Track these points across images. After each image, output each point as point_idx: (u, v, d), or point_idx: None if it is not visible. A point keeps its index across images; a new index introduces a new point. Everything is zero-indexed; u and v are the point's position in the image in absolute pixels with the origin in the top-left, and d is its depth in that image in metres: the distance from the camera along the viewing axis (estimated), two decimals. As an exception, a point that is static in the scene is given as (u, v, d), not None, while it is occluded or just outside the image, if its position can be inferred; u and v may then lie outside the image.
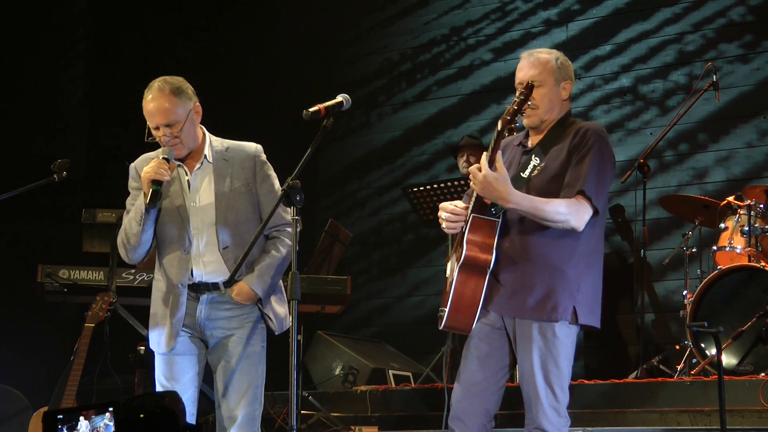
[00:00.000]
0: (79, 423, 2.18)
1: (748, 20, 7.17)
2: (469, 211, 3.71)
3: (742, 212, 6.04)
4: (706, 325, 4.54)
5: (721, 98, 6.71)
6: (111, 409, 2.15)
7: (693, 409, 5.27)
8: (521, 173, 3.74)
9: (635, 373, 6.24)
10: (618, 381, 5.91)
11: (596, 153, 3.67)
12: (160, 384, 4.06)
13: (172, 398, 2.12)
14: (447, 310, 3.70)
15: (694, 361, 5.92)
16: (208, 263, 4.01)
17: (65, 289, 5.95)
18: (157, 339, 4.05)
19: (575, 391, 5.72)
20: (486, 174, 3.59)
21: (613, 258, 7.30)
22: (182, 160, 4.06)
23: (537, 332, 3.65)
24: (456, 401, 3.77)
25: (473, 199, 3.71)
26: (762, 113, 7.02)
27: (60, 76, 8.31)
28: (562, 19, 7.71)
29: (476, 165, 3.65)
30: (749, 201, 6.04)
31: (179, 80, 4.03)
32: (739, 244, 6.01)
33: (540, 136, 3.82)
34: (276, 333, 4.08)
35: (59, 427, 2.18)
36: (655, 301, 7.09)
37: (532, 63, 3.79)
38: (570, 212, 3.61)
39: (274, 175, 4.15)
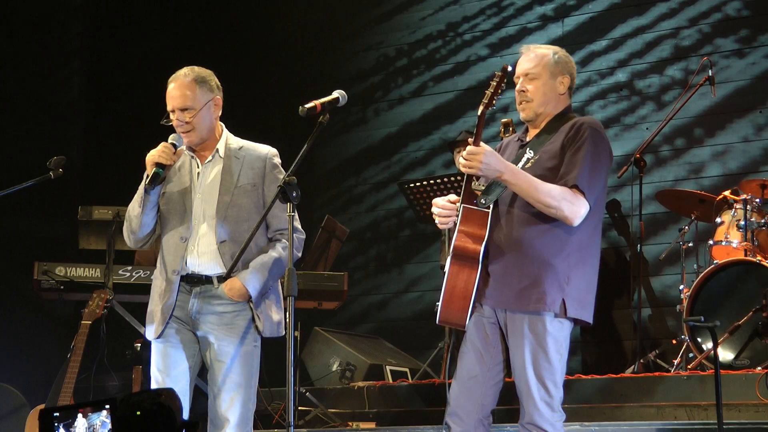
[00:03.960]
0: (76, 420, 2.17)
1: (744, 15, 7.17)
2: (459, 203, 3.70)
3: (738, 207, 6.05)
4: (702, 319, 4.54)
5: (717, 93, 6.72)
6: (108, 406, 2.15)
7: (690, 404, 5.28)
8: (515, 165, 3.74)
9: (632, 367, 6.25)
10: (615, 376, 5.92)
11: (590, 146, 3.66)
12: (153, 376, 4.06)
13: (169, 395, 2.12)
14: (440, 302, 3.69)
15: (691, 355, 5.93)
16: (203, 254, 4.02)
17: (62, 287, 5.95)
18: (150, 326, 4.07)
19: (572, 386, 5.74)
20: (483, 147, 3.61)
21: (609, 253, 7.31)
22: (195, 151, 4.10)
23: (527, 327, 3.63)
24: (453, 397, 3.75)
25: (463, 190, 3.71)
26: (758, 108, 7.03)
27: (56, 72, 8.30)
28: (558, 15, 7.72)
29: (467, 150, 3.65)
30: (745, 195, 6.05)
31: (205, 71, 4.12)
32: (735, 238, 6.02)
33: (537, 130, 3.83)
34: (264, 335, 4.03)
35: (56, 424, 2.18)
36: (651, 295, 7.09)
37: (530, 57, 3.83)
38: (564, 199, 3.59)
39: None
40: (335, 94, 3.84)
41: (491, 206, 3.69)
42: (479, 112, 3.71)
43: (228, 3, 8.54)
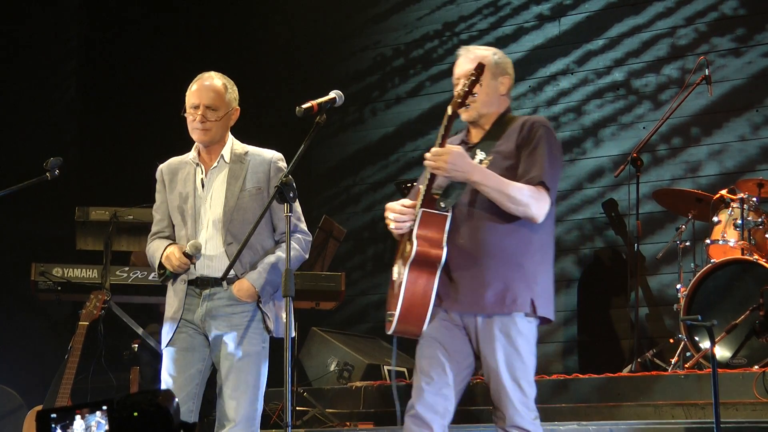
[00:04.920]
0: (74, 422, 2.17)
1: (740, 14, 7.18)
2: (418, 206, 3.63)
3: (735, 205, 6.05)
4: (699, 318, 4.54)
5: (714, 92, 6.72)
6: (104, 407, 2.15)
7: (687, 403, 5.29)
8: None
9: (629, 366, 6.26)
10: (612, 375, 5.92)
11: (546, 144, 3.65)
12: (163, 380, 4.11)
13: (166, 396, 2.12)
14: (397, 311, 3.59)
15: (688, 354, 5.94)
16: (211, 258, 4.07)
17: (59, 288, 5.94)
18: (166, 334, 4.12)
19: (569, 385, 5.75)
20: (450, 148, 3.56)
21: (606, 252, 7.31)
22: (200, 156, 4.16)
23: (499, 330, 3.58)
24: (419, 398, 3.63)
25: (422, 193, 3.64)
26: (754, 106, 7.04)
27: (52, 73, 8.30)
28: (554, 14, 7.72)
29: (431, 150, 3.60)
30: (742, 194, 6.05)
31: (231, 81, 4.22)
32: (732, 237, 6.02)
33: (482, 132, 3.80)
34: (273, 335, 4.09)
35: (53, 426, 2.18)
36: (648, 294, 7.10)
37: (469, 58, 3.81)
38: (532, 197, 3.57)
39: None
40: (332, 94, 3.84)
41: (451, 210, 3.63)
42: (449, 112, 3.66)
43: (224, 4, 8.53)
